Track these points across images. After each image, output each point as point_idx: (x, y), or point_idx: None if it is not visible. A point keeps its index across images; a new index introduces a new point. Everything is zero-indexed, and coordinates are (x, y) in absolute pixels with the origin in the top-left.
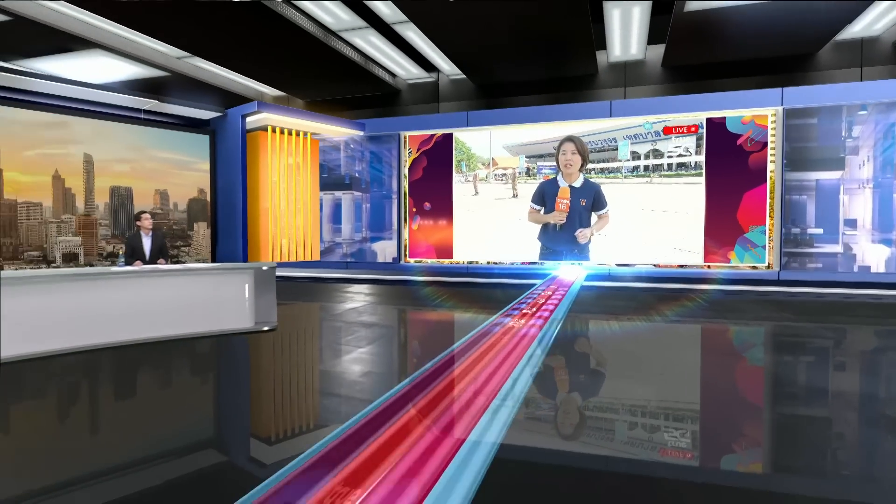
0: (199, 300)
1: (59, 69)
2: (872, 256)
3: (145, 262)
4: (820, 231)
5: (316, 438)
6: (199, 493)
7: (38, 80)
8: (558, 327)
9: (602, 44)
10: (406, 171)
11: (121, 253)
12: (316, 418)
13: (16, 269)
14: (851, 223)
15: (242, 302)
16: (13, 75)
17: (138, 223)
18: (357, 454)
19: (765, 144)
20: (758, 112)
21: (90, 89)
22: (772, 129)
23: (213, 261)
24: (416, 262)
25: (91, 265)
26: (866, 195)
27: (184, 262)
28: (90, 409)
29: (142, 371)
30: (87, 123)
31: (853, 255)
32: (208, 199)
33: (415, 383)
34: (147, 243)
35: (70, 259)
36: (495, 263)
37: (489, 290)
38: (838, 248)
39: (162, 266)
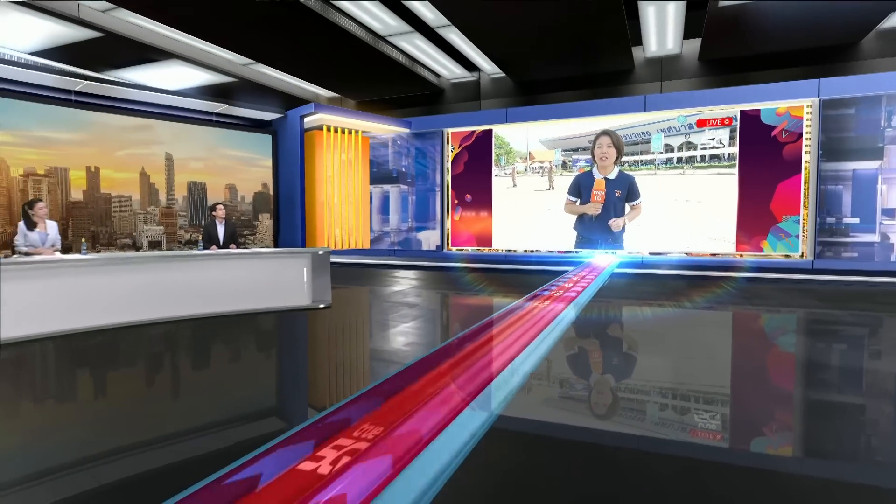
0: (265, 280)
1: (142, 77)
2: None
3: (219, 247)
4: (856, 220)
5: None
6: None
7: (126, 88)
8: (580, 308)
9: (639, 39)
10: (449, 165)
11: (199, 239)
12: (365, 375)
13: (112, 253)
14: (889, 213)
15: (301, 282)
16: (106, 85)
17: (213, 213)
18: (395, 393)
19: (800, 135)
20: (794, 104)
21: (170, 96)
22: (807, 119)
23: (276, 248)
24: (457, 250)
25: (172, 251)
26: None
27: (247, 246)
28: (181, 369)
29: (219, 339)
30: (168, 126)
31: (891, 245)
32: (271, 192)
33: (442, 350)
34: (221, 231)
35: (154, 245)
36: (532, 251)
37: (526, 276)
38: (875, 238)
39: (234, 251)
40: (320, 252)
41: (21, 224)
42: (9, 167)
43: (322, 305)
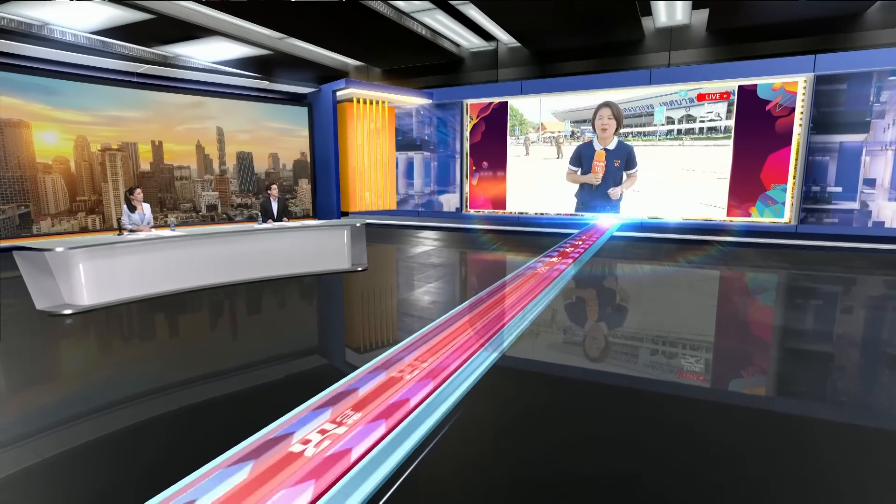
0: (312, 248)
1: (189, 52)
2: (887, 212)
3: (274, 220)
4: (839, 189)
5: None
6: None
7: (181, 69)
8: (579, 267)
9: (648, 10)
10: (467, 134)
11: (258, 214)
12: (395, 330)
13: (176, 218)
14: (870, 182)
15: (342, 249)
16: (163, 67)
17: (269, 192)
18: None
19: (792, 110)
20: (789, 79)
21: (220, 75)
22: (801, 94)
23: (314, 209)
24: (475, 212)
25: (226, 213)
26: (888, 156)
27: (294, 212)
28: (248, 318)
29: (277, 295)
30: (218, 102)
31: (868, 212)
32: (308, 159)
33: (469, 302)
34: (275, 206)
35: (210, 209)
36: (542, 214)
37: (536, 237)
38: (855, 206)
39: (287, 224)
40: (357, 224)
41: (124, 206)
42: (89, 143)
43: (360, 269)
